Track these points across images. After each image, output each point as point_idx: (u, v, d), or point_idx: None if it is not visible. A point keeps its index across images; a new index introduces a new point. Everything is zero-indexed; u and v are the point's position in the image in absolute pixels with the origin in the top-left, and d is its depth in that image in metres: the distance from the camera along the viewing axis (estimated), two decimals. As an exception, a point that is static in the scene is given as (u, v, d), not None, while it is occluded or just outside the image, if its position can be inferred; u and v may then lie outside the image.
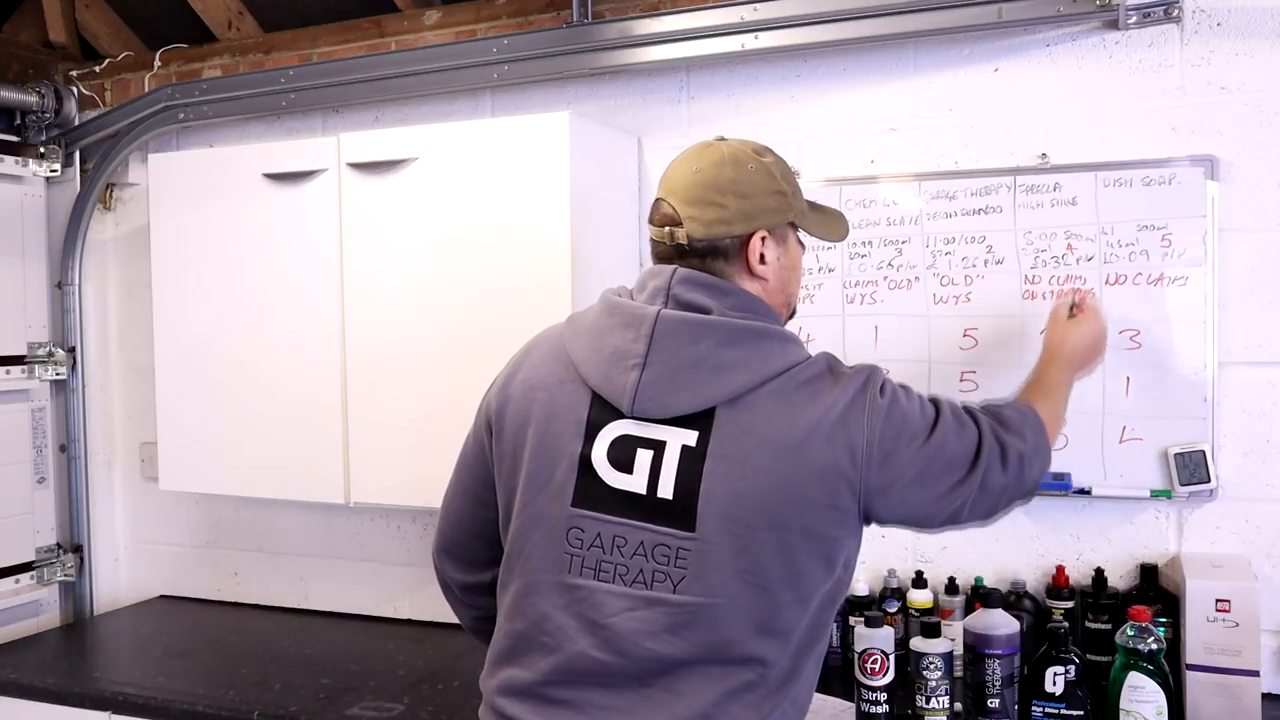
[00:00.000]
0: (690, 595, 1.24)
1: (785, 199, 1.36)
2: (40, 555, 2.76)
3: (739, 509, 1.23)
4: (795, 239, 1.41)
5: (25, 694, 2.18)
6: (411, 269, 2.13)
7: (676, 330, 1.26)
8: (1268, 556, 1.90)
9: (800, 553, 1.25)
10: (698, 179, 1.33)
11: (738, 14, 2.10)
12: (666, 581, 1.24)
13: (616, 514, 1.27)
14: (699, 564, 1.23)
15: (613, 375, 1.28)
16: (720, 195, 1.32)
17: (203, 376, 2.36)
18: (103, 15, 2.81)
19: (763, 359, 1.27)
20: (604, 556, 1.27)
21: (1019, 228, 2.01)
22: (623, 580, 1.26)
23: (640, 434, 1.27)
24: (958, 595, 2.01)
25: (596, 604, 1.27)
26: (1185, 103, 1.93)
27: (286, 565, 2.72)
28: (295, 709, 1.98)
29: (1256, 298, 1.89)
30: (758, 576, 1.24)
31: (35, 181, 2.77)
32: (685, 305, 1.29)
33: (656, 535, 1.25)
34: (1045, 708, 1.71)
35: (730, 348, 1.26)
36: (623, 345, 1.28)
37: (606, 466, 1.28)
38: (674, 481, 1.25)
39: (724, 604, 1.24)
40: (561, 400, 1.32)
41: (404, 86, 2.41)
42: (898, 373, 2.10)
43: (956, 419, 1.35)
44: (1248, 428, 1.91)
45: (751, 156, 1.36)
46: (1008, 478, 1.36)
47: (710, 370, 1.25)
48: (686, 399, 1.25)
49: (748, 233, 1.32)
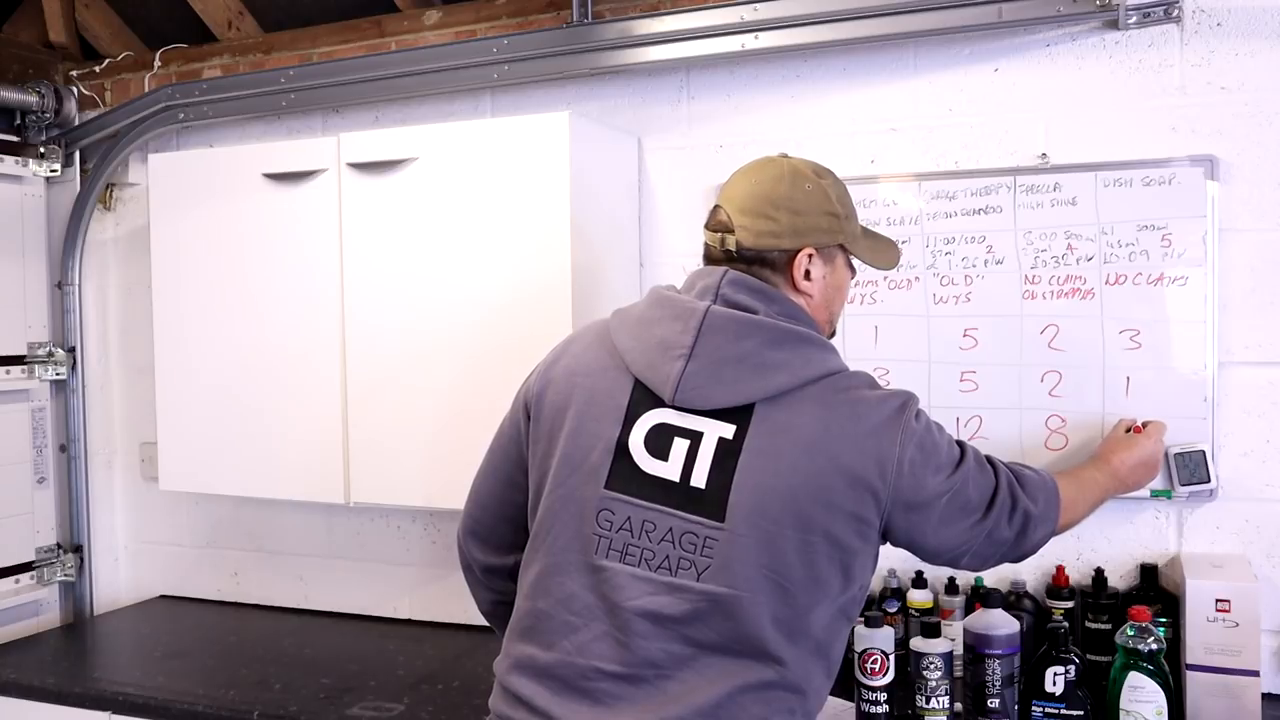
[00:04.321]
0: (713, 585, 1.26)
1: (838, 221, 1.40)
2: (40, 555, 2.76)
3: (768, 504, 1.26)
4: (844, 261, 1.44)
5: (25, 694, 2.17)
6: (411, 269, 2.13)
7: (724, 326, 1.30)
8: (1268, 556, 1.90)
9: (821, 557, 1.27)
10: (754, 190, 1.38)
11: (738, 14, 2.10)
12: (691, 569, 1.27)
13: (648, 499, 1.30)
14: (725, 554, 1.26)
15: (658, 364, 1.31)
16: (774, 209, 1.36)
17: (203, 376, 2.36)
18: (103, 15, 2.81)
19: (804, 362, 1.31)
20: (631, 540, 1.29)
21: (1019, 228, 2.01)
22: (648, 565, 1.28)
23: (679, 423, 1.30)
24: (958, 595, 2.01)
25: (619, 586, 1.29)
26: (1185, 103, 1.93)
27: (286, 565, 2.72)
28: (295, 709, 1.98)
29: (1256, 298, 1.89)
30: (779, 574, 1.26)
31: (35, 181, 2.77)
32: (733, 305, 1.33)
33: (686, 523, 1.28)
34: (1045, 708, 1.71)
35: (774, 348, 1.30)
36: (670, 336, 1.32)
37: (643, 452, 1.31)
38: (708, 472, 1.28)
39: (746, 597, 1.26)
40: (603, 386, 1.35)
41: (404, 86, 2.41)
42: (898, 373, 2.13)
43: (979, 464, 1.40)
44: (1248, 428, 1.90)
45: (810, 176, 1.40)
46: (1010, 533, 1.40)
47: (753, 368, 1.29)
48: (728, 393, 1.28)
49: (796, 248, 1.37)
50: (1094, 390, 1.95)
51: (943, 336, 2.06)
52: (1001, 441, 2.01)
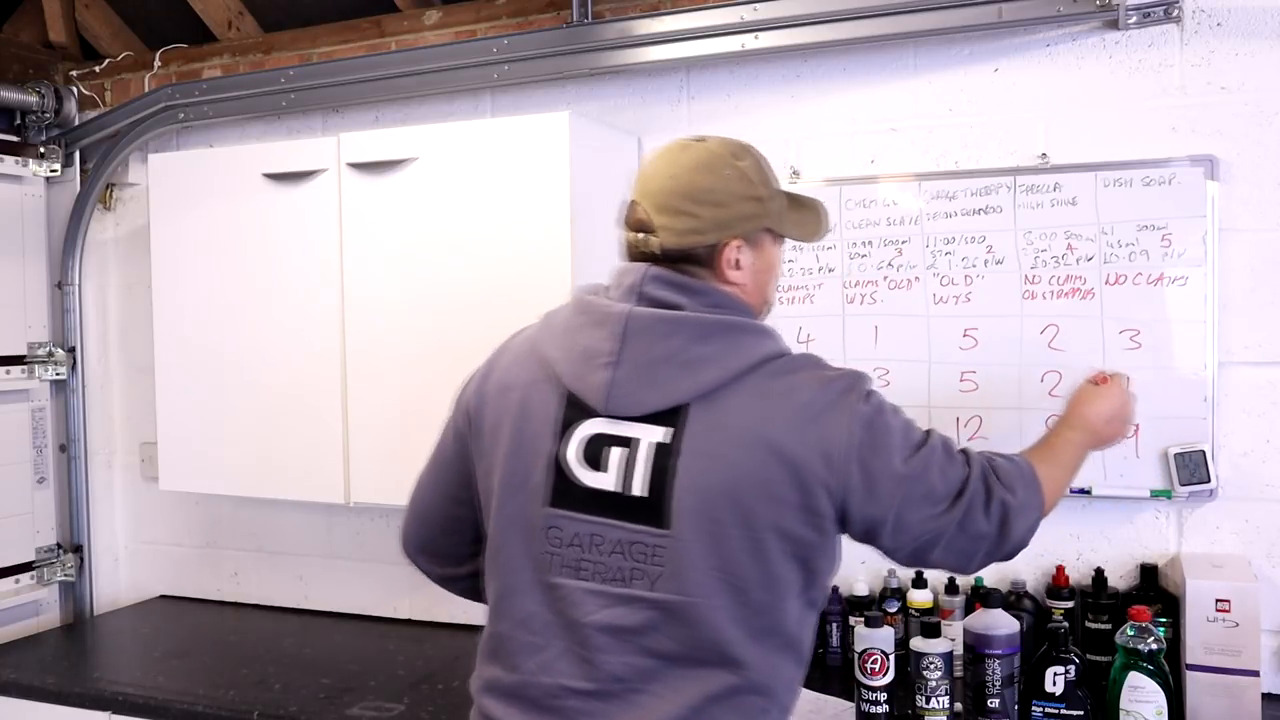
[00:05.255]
0: (667, 593, 1.23)
1: (761, 204, 1.33)
2: (40, 555, 2.76)
3: (711, 505, 1.22)
4: (772, 240, 1.38)
5: (25, 694, 2.17)
6: (411, 269, 2.13)
7: (647, 327, 1.26)
8: (1268, 556, 1.90)
9: (774, 553, 1.23)
10: (672, 185, 1.31)
11: (738, 14, 2.10)
12: (644, 579, 1.24)
13: (592, 513, 1.27)
14: (675, 561, 1.23)
15: (585, 374, 1.28)
16: (694, 204, 1.30)
17: (203, 376, 2.36)
18: (103, 15, 2.81)
19: (735, 353, 1.26)
20: (583, 555, 1.27)
21: (1019, 228, 2.01)
22: (600, 579, 1.26)
23: (613, 432, 1.27)
24: (958, 595, 2.01)
25: (574, 602, 1.27)
26: (1185, 103, 1.93)
27: (286, 565, 2.72)
28: (295, 709, 1.98)
29: (1256, 298, 1.90)
30: (732, 575, 1.23)
31: (35, 181, 2.77)
32: (657, 303, 1.28)
33: (632, 533, 1.25)
34: (1045, 708, 1.71)
35: (700, 343, 1.25)
36: (594, 344, 1.28)
37: (581, 465, 1.28)
38: (648, 479, 1.24)
39: (701, 603, 1.23)
40: (537, 399, 1.32)
41: (404, 86, 2.41)
42: (897, 373, 2.13)
43: (946, 452, 1.31)
44: (1248, 428, 1.91)
45: (728, 161, 1.32)
46: (989, 526, 1.31)
47: (682, 366, 1.25)
48: (659, 396, 1.25)
49: (721, 241, 1.31)
50: (1094, 390, 1.95)
51: (943, 336, 2.06)
52: (1001, 441, 2.01)
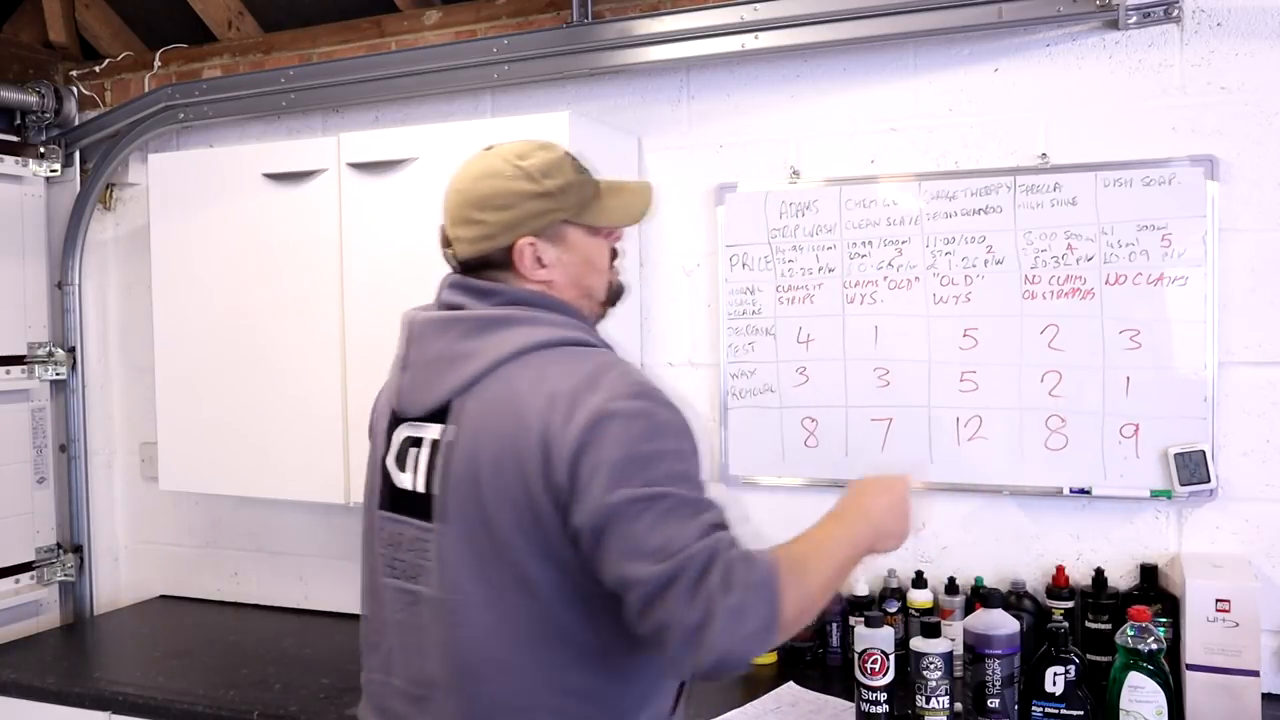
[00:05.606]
0: (434, 589, 1.25)
1: (550, 200, 1.31)
2: (40, 555, 2.76)
3: (462, 499, 1.24)
4: (582, 232, 1.35)
5: (25, 694, 2.17)
6: (411, 269, 2.12)
7: (425, 330, 1.33)
8: (1268, 556, 1.90)
9: (519, 552, 1.20)
10: (460, 198, 1.33)
11: (738, 14, 2.10)
12: (421, 575, 1.28)
13: (401, 512, 1.32)
14: (439, 556, 1.26)
15: (392, 381, 1.37)
16: (479, 211, 1.31)
17: (203, 376, 2.36)
18: (103, 15, 2.81)
19: (498, 345, 1.26)
20: (395, 554, 1.32)
21: (1019, 228, 2.01)
22: (403, 576, 1.30)
23: (413, 433, 1.32)
24: (958, 595, 2.01)
25: (388, 601, 1.32)
26: (1185, 103, 1.93)
27: (286, 565, 2.72)
28: (295, 709, 1.98)
29: (1256, 298, 1.89)
30: (485, 571, 1.22)
31: (35, 181, 2.77)
32: (445, 307, 1.33)
33: (416, 529, 1.29)
34: (1045, 708, 1.71)
35: (468, 339, 1.28)
36: (399, 351, 1.37)
37: (395, 468, 1.34)
38: (426, 475, 1.28)
39: (457, 599, 1.23)
40: (380, 409, 1.41)
41: (404, 86, 2.41)
42: (897, 373, 2.13)
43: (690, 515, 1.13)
44: (1248, 428, 1.90)
45: (511, 163, 1.31)
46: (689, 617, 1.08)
47: (449, 363, 1.28)
48: (432, 394, 1.29)
49: (512, 242, 1.31)
50: (1094, 390, 1.95)
51: (943, 336, 2.06)
52: (1001, 441, 2.02)
